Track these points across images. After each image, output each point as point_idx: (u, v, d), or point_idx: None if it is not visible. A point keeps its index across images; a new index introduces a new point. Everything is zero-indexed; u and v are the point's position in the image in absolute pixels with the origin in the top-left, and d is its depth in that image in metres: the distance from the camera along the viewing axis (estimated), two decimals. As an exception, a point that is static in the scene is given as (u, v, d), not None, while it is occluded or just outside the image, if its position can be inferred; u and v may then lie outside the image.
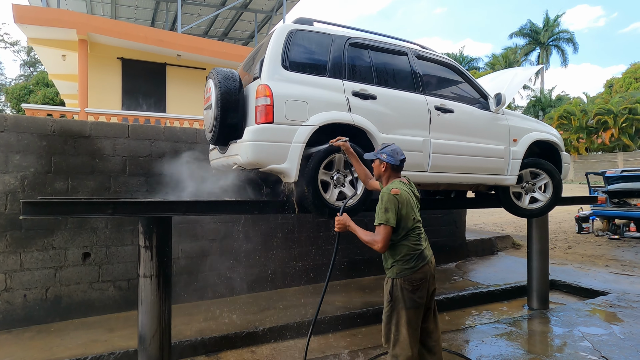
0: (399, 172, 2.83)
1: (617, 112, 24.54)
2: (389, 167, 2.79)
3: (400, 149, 2.82)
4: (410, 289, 2.61)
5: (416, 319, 2.64)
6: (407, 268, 2.63)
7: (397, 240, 2.65)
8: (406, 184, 2.77)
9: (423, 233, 2.77)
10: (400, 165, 2.79)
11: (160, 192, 5.34)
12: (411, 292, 2.61)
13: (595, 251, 8.80)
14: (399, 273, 2.64)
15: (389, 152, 2.80)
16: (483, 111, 4.19)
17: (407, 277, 2.61)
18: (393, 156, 2.77)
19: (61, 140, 4.86)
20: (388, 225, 2.56)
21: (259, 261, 5.86)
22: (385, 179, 2.84)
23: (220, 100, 3.26)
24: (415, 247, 2.65)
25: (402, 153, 2.81)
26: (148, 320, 3.32)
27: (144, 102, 11.02)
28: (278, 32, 3.36)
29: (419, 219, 2.74)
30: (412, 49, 3.99)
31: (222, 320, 4.76)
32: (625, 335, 4.28)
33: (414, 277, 2.61)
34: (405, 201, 2.62)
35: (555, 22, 37.52)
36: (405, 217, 2.61)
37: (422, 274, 2.64)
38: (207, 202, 3.46)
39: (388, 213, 2.56)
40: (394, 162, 2.76)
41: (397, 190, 2.63)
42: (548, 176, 4.48)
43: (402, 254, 2.65)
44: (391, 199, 2.59)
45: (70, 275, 4.85)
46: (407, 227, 2.64)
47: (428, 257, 2.71)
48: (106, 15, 14.14)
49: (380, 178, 2.88)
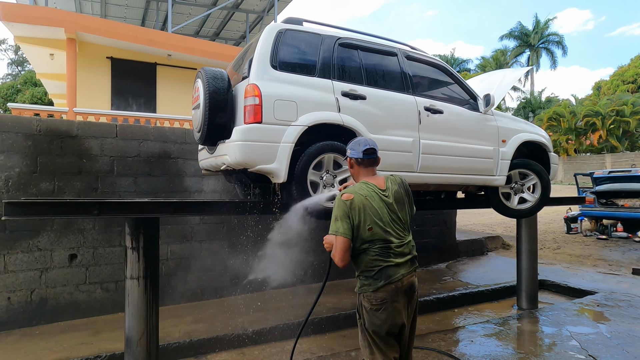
0: (369, 166, 2.40)
1: (605, 114, 24.89)
2: (354, 162, 2.42)
3: (365, 139, 2.43)
4: (368, 308, 2.22)
5: (382, 343, 2.22)
6: (365, 284, 2.25)
7: (355, 251, 2.26)
8: (372, 185, 2.31)
9: (398, 246, 2.25)
10: (367, 157, 2.36)
11: (149, 192, 5.29)
12: (369, 312, 2.22)
13: (583, 251, 8.90)
14: (359, 288, 2.29)
15: (350, 145, 2.44)
16: (472, 112, 4.21)
17: (365, 294, 2.25)
18: (354, 148, 2.39)
19: (47, 140, 4.78)
20: (339, 235, 2.18)
21: (248, 262, 5.82)
22: (356, 179, 2.47)
23: (209, 100, 3.22)
24: (375, 262, 2.21)
25: (367, 143, 2.38)
26: (135, 323, 3.27)
27: (134, 102, 10.91)
28: (267, 32, 3.34)
29: (390, 227, 2.25)
30: (401, 49, 3.99)
31: (211, 322, 4.71)
32: (611, 334, 4.33)
33: (374, 296, 2.21)
34: (360, 208, 2.20)
35: (545, 25, 37.95)
36: (359, 226, 2.20)
37: (384, 293, 2.20)
38: (194, 202, 3.43)
39: (337, 222, 2.20)
40: (357, 155, 2.37)
41: (349, 194, 2.24)
42: (536, 177, 4.51)
43: (360, 269, 2.28)
44: (340, 205, 2.22)
45: (56, 277, 4.78)
46: (363, 238, 2.22)
47: (397, 276, 2.21)
48: (95, 14, 13.98)
49: (355, 181, 2.50)
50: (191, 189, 5.55)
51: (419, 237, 7.66)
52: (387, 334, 2.22)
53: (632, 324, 4.62)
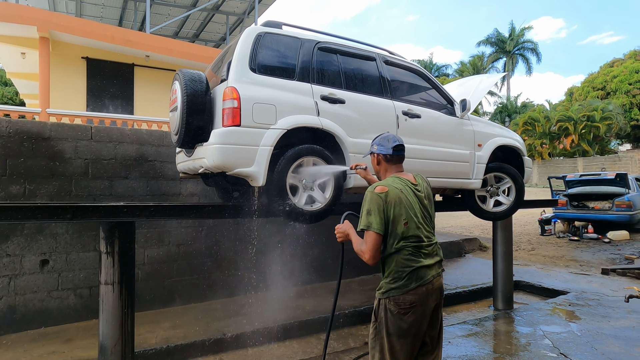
0: (397, 163, 2.35)
1: (577, 119, 25.75)
2: (381, 158, 2.36)
3: (393, 135, 2.39)
4: (395, 312, 2.10)
5: (402, 350, 2.10)
6: (394, 287, 2.11)
7: (386, 252, 2.15)
8: (404, 180, 2.25)
9: (428, 245, 2.18)
10: (396, 153, 2.33)
11: (126, 196, 5.18)
12: (396, 316, 2.10)
13: (556, 252, 9.17)
14: (385, 292, 2.15)
15: (377, 141, 2.39)
16: (449, 117, 4.29)
17: (393, 297, 2.12)
18: (383, 144, 2.35)
19: (18, 141, 4.63)
20: (371, 231, 2.09)
21: (228, 266, 5.76)
22: (382, 175, 2.40)
23: (186, 102, 3.19)
24: (407, 262, 2.11)
25: (396, 139, 2.35)
26: (109, 330, 3.19)
27: (111, 104, 10.66)
28: (246, 35, 3.33)
29: (422, 225, 2.18)
30: (380, 54, 4.04)
31: (189, 327, 4.64)
32: (582, 332, 4.47)
33: (403, 299, 2.10)
34: (395, 201, 2.11)
35: (521, 32, 39.05)
36: (393, 221, 2.11)
37: (414, 296, 2.09)
38: (171, 206, 3.37)
39: (370, 216, 2.11)
40: (386, 151, 2.32)
41: (383, 187, 2.15)
42: (511, 180, 4.62)
43: (390, 270, 2.15)
44: (374, 198, 2.13)
45: (26, 284, 4.62)
46: (398, 234, 2.11)
47: (428, 278, 2.12)
48: (70, 12, 13.63)
49: (380, 177, 2.43)
50: (169, 192, 5.46)
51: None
52: (413, 338, 2.11)
53: (601, 322, 4.78)
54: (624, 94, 28.08)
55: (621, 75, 28.83)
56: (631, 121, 27.51)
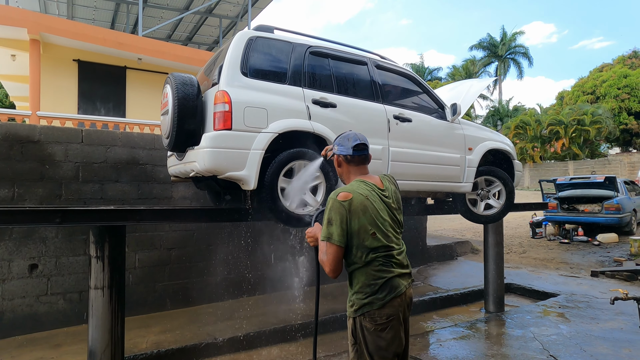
0: (360, 164, 2.10)
1: (568, 123, 26.07)
2: (342, 160, 2.11)
3: (354, 133, 2.12)
4: (372, 329, 1.91)
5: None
6: (367, 303, 1.92)
7: (355, 265, 1.95)
8: (370, 184, 2.02)
9: (399, 253, 2.01)
10: (357, 154, 2.06)
11: (117, 199, 5.15)
12: (373, 334, 1.91)
13: (547, 255, 9.26)
14: (358, 310, 1.94)
15: (337, 141, 2.14)
16: (440, 120, 4.33)
17: (367, 313, 1.92)
18: (342, 144, 2.09)
19: (6, 145, 4.58)
20: (331, 243, 1.90)
21: (219, 270, 5.74)
22: (345, 179, 2.15)
23: (178, 106, 3.19)
24: (379, 273, 1.92)
25: (357, 137, 2.08)
26: (99, 335, 3.16)
27: (102, 107, 10.59)
28: (237, 39, 3.34)
29: (391, 233, 1.99)
30: (371, 59, 4.07)
31: (180, 332, 4.61)
32: (571, 334, 4.52)
33: (379, 314, 1.91)
34: (360, 210, 1.90)
35: (512, 37, 39.46)
36: (359, 232, 1.90)
37: (390, 309, 1.91)
38: (162, 210, 3.36)
39: (331, 227, 1.90)
40: (346, 152, 2.07)
41: (347, 193, 1.92)
42: (501, 183, 4.67)
43: (360, 284, 1.94)
44: (336, 206, 1.91)
45: (14, 288, 4.56)
46: (366, 247, 1.91)
47: (401, 288, 1.95)
48: (62, 15, 13.54)
49: (343, 181, 2.18)
50: (160, 195, 5.43)
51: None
52: (393, 355, 1.93)
53: (590, 324, 4.83)
54: (613, 98, 28.50)
55: (610, 80, 29.27)
56: (620, 125, 27.92)
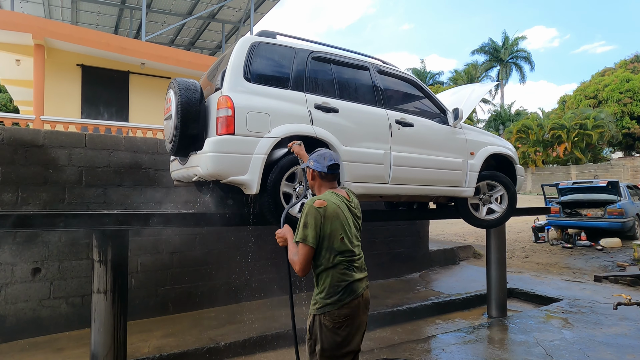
0: (333, 181, 2.38)
1: (570, 127, 26.03)
2: (316, 175, 2.36)
3: (330, 154, 2.39)
4: (330, 327, 2.13)
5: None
6: (330, 303, 2.14)
7: (323, 266, 2.17)
8: (340, 196, 2.29)
9: (358, 259, 2.27)
10: (330, 172, 2.33)
11: (120, 203, 5.17)
12: (331, 330, 2.13)
13: (550, 259, 9.22)
14: (320, 308, 2.17)
15: (314, 157, 2.38)
16: (442, 125, 4.34)
17: (328, 312, 2.15)
18: (319, 161, 2.33)
19: (10, 149, 4.61)
20: (305, 244, 2.13)
21: (222, 274, 5.74)
22: (316, 190, 2.41)
23: (181, 110, 3.21)
24: (343, 276, 2.16)
25: (332, 158, 2.35)
26: (101, 339, 3.16)
27: (105, 111, 10.65)
28: (240, 44, 3.37)
29: (354, 240, 2.26)
30: (373, 63, 4.09)
31: (182, 336, 4.61)
32: (574, 340, 4.49)
33: (338, 314, 2.14)
34: (333, 216, 2.15)
35: (514, 42, 39.52)
36: (330, 235, 2.14)
37: (348, 309, 2.15)
38: (165, 214, 3.37)
39: (307, 229, 2.13)
40: (321, 169, 2.31)
41: (322, 201, 2.18)
42: (504, 188, 4.66)
43: (325, 285, 2.17)
44: (312, 212, 2.15)
45: (17, 292, 4.57)
46: (335, 250, 2.15)
47: (359, 291, 2.20)
48: (66, 20, 13.66)
49: (313, 192, 2.45)
50: (163, 200, 5.45)
51: (392, 247, 7.75)
52: (346, 352, 2.15)
53: (594, 329, 4.81)
54: (615, 102, 28.47)
55: (612, 84, 29.25)
56: (622, 129, 27.87)
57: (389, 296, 6.42)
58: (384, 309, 5.75)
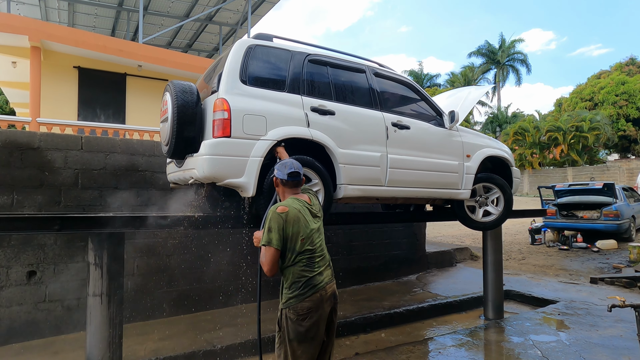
0: (293, 187, 2.58)
1: (566, 129, 26.15)
2: (279, 182, 2.59)
3: (291, 163, 2.58)
4: (294, 319, 2.37)
5: (303, 354, 2.38)
6: (292, 297, 2.39)
7: (285, 265, 2.42)
8: (302, 201, 2.52)
9: (319, 256, 2.49)
10: (291, 179, 2.53)
11: (116, 206, 5.15)
12: (295, 323, 2.37)
13: (546, 261, 9.24)
14: (285, 302, 2.42)
15: (278, 166, 2.61)
16: (438, 128, 4.35)
17: (292, 306, 2.39)
18: (280, 170, 2.56)
19: (6, 151, 4.60)
20: (270, 246, 2.33)
21: (219, 277, 5.73)
22: (281, 196, 2.63)
23: (177, 113, 3.21)
24: (303, 273, 2.39)
25: (293, 166, 2.55)
26: (96, 342, 3.15)
27: (102, 113, 10.63)
28: (237, 47, 3.37)
29: (315, 239, 2.48)
30: (370, 66, 4.10)
31: (178, 339, 4.59)
32: (570, 342, 4.50)
33: (300, 307, 2.37)
34: (294, 220, 2.38)
35: (511, 44, 39.67)
36: (292, 237, 2.37)
37: (310, 302, 2.37)
38: (160, 217, 3.36)
39: (271, 233, 2.34)
40: (282, 176, 2.53)
41: (284, 207, 2.40)
42: (500, 190, 4.68)
43: (289, 281, 2.42)
44: (275, 217, 2.37)
45: (12, 295, 4.55)
46: (295, 250, 2.39)
47: (321, 285, 2.42)
48: (63, 22, 13.64)
49: (280, 197, 2.67)
50: (159, 202, 5.44)
51: (389, 249, 7.75)
52: (312, 341, 2.38)
53: (590, 331, 4.82)
54: (611, 105, 28.63)
55: (608, 87, 29.43)
56: (618, 131, 28.02)
57: (386, 298, 6.42)
58: (381, 311, 5.74)
